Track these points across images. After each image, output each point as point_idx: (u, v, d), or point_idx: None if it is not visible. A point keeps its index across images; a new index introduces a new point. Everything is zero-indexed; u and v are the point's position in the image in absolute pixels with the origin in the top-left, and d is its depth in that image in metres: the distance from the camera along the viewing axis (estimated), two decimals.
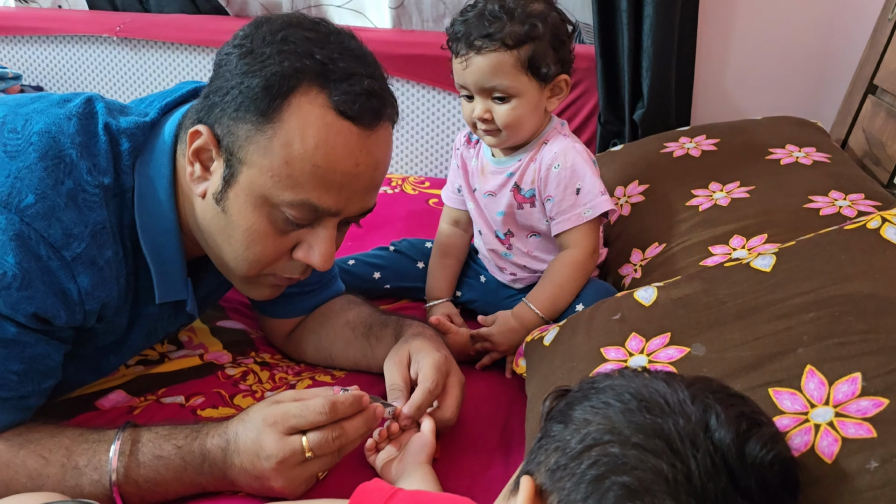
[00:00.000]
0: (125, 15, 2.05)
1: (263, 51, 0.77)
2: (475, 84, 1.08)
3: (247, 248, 0.82)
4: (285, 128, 0.76)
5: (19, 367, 0.77)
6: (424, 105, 1.89)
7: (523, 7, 1.05)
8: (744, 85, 1.81)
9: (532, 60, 1.06)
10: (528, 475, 0.57)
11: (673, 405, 0.54)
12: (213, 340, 1.12)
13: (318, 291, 1.11)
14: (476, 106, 1.10)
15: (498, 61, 1.05)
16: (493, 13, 1.05)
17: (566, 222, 1.13)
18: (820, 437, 0.62)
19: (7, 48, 2.11)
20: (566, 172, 1.11)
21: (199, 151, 0.81)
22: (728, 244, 1.05)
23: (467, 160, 1.23)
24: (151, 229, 0.84)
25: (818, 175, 1.15)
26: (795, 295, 0.76)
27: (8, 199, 0.73)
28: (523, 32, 1.04)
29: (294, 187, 0.78)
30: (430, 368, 0.89)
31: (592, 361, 0.83)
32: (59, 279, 0.76)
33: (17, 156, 0.76)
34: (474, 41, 1.05)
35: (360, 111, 0.77)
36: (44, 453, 0.77)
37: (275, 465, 0.76)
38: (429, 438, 0.87)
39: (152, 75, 2.05)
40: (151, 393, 0.98)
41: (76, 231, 0.76)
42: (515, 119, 1.09)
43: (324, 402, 0.77)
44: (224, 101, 0.78)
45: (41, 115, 0.80)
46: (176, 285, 0.89)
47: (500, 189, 1.17)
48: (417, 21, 1.90)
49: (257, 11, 1.99)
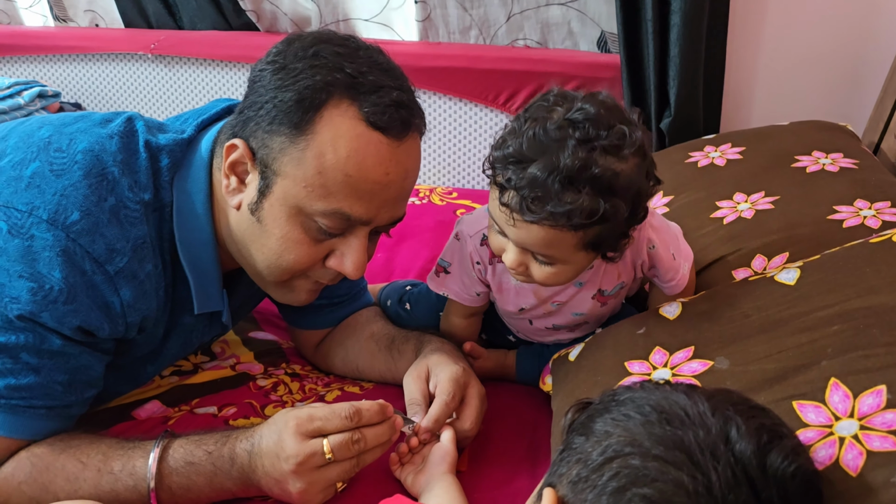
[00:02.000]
0: (159, 32, 2.10)
1: (296, 66, 0.79)
2: (518, 243, 0.85)
3: (280, 255, 0.84)
4: (318, 139, 0.79)
5: (64, 377, 0.81)
6: (451, 116, 1.91)
7: (609, 178, 0.77)
8: (774, 91, 1.79)
9: (597, 242, 0.83)
10: (550, 487, 0.58)
11: (693, 417, 0.55)
12: (244, 351, 1.15)
13: (347, 303, 1.13)
14: (509, 253, 0.86)
15: (556, 238, 0.81)
16: (570, 177, 0.76)
17: (678, 286, 0.97)
18: (844, 450, 0.62)
19: (46, 66, 2.18)
20: (662, 247, 0.94)
21: (234, 164, 0.83)
22: (750, 266, 1.04)
23: (498, 276, 0.99)
24: (190, 242, 0.87)
25: (844, 183, 1.14)
26: (819, 308, 0.76)
27: (55, 217, 0.77)
28: (598, 213, 0.77)
29: (327, 197, 0.80)
30: (447, 381, 0.91)
31: (616, 375, 0.83)
32: (103, 293, 0.79)
33: (62, 174, 0.79)
34: (534, 208, 0.79)
35: (389, 122, 0.79)
36: (82, 458, 0.80)
37: (294, 466, 0.77)
38: (449, 448, 0.87)
39: (186, 91, 2.09)
40: (185, 403, 1.01)
41: (118, 246, 0.79)
42: (557, 281, 0.88)
43: (349, 407, 0.79)
44: (258, 115, 0.81)
45: (85, 134, 0.83)
46: (212, 297, 0.92)
47: (571, 298, 0.98)
48: (444, 33, 1.92)
49: (287, 27, 2.03)
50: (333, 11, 1.98)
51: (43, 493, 0.79)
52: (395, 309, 1.20)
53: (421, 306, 1.18)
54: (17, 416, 0.79)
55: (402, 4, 1.94)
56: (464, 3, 1.85)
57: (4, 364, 0.78)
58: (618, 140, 0.77)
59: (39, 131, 0.84)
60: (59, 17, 2.21)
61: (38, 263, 0.76)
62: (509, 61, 1.81)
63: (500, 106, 1.84)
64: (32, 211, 0.77)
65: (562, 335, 1.06)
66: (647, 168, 0.82)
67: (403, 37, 1.98)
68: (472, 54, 1.85)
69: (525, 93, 1.81)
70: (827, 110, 1.60)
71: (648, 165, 0.82)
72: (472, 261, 0.99)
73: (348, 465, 0.80)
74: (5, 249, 0.76)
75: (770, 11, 1.72)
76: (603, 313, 1.02)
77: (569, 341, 1.06)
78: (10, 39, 2.18)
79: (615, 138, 0.77)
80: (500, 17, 1.85)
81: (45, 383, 0.79)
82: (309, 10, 1.99)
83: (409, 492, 0.86)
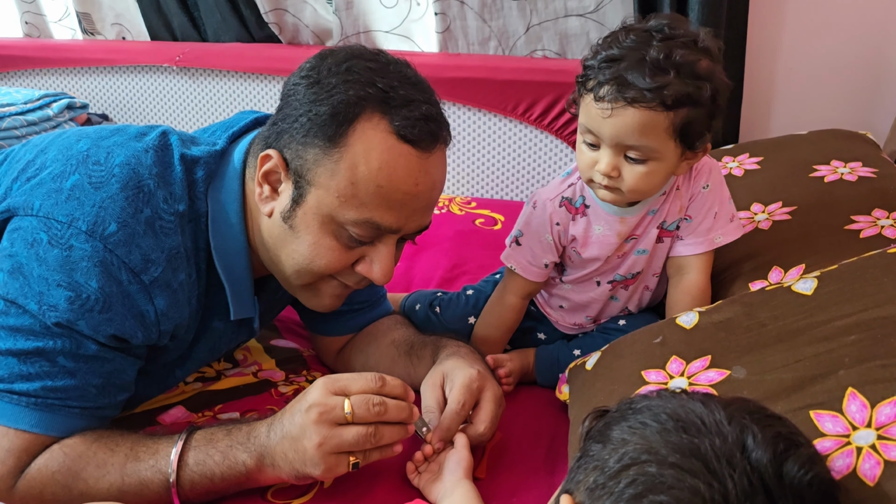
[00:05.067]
0: (184, 45, 2.14)
1: (330, 81, 0.83)
2: (613, 137, 0.93)
3: (311, 261, 0.87)
4: (351, 151, 0.82)
5: (98, 381, 0.83)
6: (470, 127, 1.92)
7: (691, 63, 0.89)
8: (793, 100, 1.79)
9: (686, 127, 0.92)
10: (567, 494, 0.58)
11: (709, 425, 0.55)
12: (266, 359, 1.17)
13: (367, 310, 1.15)
14: (603, 159, 0.95)
15: (650, 121, 0.90)
16: (657, 63, 0.88)
17: (698, 245, 1.04)
18: (862, 459, 0.62)
19: (74, 79, 2.22)
20: (712, 195, 1.03)
21: (268, 174, 0.87)
22: (767, 279, 1.04)
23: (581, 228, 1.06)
24: (225, 251, 0.90)
25: (862, 192, 1.14)
26: (837, 317, 0.76)
27: (93, 228, 0.80)
28: (687, 94, 0.89)
29: (359, 207, 0.83)
30: (458, 388, 0.92)
31: (633, 384, 0.84)
32: (138, 302, 0.82)
33: (100, 186, 0.82)
34: (629, 91, 0.89)
35: (419, 135, 0.83)
36: (112, 445, 0.83)
37: (315, 416, 0.79)
38: (463, 454, 0.88)
39: (210, 102, 2.13)
40: (209, 409, 1.03)
41: (153, 256, 0.82)
42: (646, 185, 0.96)
43: (376, 375, 0.82)
44: (293, 128, 0.84)
45: (121, 147, 0.86)
46: (246, 303, 0.95)
47: (643, 231, 1.06)
48: (463, 45, 1.93)
49: (309, 39, 2.06)
50: (354, 24, 2.01)
51: (74, 480, 0.81)
52: (425, 312, 1.22)
53: (451, 311, 1.21)
54: (53, 414, 0.82)
55: (422, 16, 1.96)
56: (483, 15, 1.87)
57: (42, 367, 0.80)
58: (691, 38, 0.91)
59: (78, 144, 0.87)
60: (87, 31, 2.26)
61: (76, 273, 0.79)
62: (528, 72, 1.83)
63: (519, 116, 1.85)
64: (72, 222, 0.80)
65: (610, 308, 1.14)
66: (719, 62, 0.93)
67: (423, 48, 2.00)
68: (491, 65, 1.87)
69: (544, 103, 1.82)
70: (847, 119, 1.59)
71: (719, 60, 0.93)
72: (552, 223, 1.06)
73: (364, 432, 0.80)
74: (45, 259, 0.79)
75: (789, 19, 1.71)
76: (655, 269, 1.09)
77: (594, 330, 1.15)
78: (40, 52, 2.24)
79: (689, 37, 0.91)
80: (518, 29, 1.86)
81: (80, 385, 0.82)
82: (330, 23, 2.02)
83: (427, 499, 0.87)
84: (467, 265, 1.50)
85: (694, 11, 1.59)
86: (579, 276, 1.11)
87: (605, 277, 1.11)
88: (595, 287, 1.12)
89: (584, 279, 1.12)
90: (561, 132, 1.84)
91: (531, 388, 1.14)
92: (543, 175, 1.92)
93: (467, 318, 1.20)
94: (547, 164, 1.91)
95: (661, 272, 1.11)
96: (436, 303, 1.23)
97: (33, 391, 0.80)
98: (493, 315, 1.15)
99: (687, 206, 1.05)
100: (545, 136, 1.87)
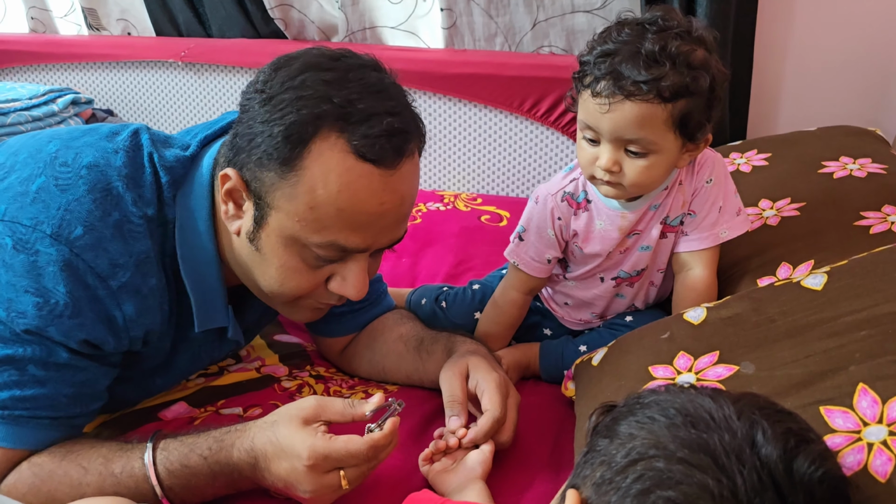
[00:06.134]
0: (189, 41, 2.14)
1: (283, 97, 0.77)
2: (612, 132, 0.93)
3: (281, 283, 0.84)
4: (307, 174, 0.77)
5: (70, 390, 0.81)
6: (476, 123, 1.92)
7: (685, 54, 0.89)
8: (801, 96, 1.78)
9: (684, 118, 0.92)
10: (573, 489, 0.58)
11: (718, 420, 0.54)
12: (270, 354, 1.16)
13: (367, 309, 1.13)
14: (603, 154, 0.95)
15: (648, 113, 0.90)
16: (652, 55, 0.89)
17: (703, 241, 1.04)
18: (873, 455, 0.62)
19: (79, 74, 2.22)
20: (716, 189, 1.03)
21: (230, 192, 0.83)
22: (775, 274, 1.03)
23: (583, 223, 1.06)
24: (192, 260, 0.87)
25: (872, 188, 1.13)
26: (847, 313, 0.75)
27: (59, 231, 0.77)
28: (683, 85, 0.89)
29: (321, 230, 0.79)
30: (494, 393, 0.90)
31: (640, 380, 0.83)
32: (106, 307, 0.80)
33: (67, 189, 0.80)
34: (625, 84, 0.89)
35: (380, 153, 0.77)
36: (83, 463, 0.81)
37: (310, 495, 0.78)
38: (487, 458, 0.88)
39: (215, 97, 2.13)
40: (211, 405, 1.02)
41: (121, 261, 0.80)
42: (647, 179, 0.96)
43: (366, 447, 0.78)
44: (249, 148, 0.80)
45: (90, 148, 0.84)
46: (217, 313, 0.91)
47: (646, 226, 1.05)
48: (469, 41, 1.93)
49: (314, 35, 2.05)
50: (360, 19, 2.00)
51: (49, 502, 0.80)
52: (431, 307, 1.22)
53: (456, 306, 1.21)
54: (20, 427, 0.80)
55: (428, 12, 1.95)
56: (489, 11, 1.86)
57: (11, 376, 0.78)
58: (685, 28, 0.92)
59: (48, 146, 0.84)
60: (92, 26, 2.26)
61: (43, 278, 0.77)
62: (535, 68, 1.82)
63: (525, 113, 1.85)
64: (37, 226, 0.77)
65: (615, 305, 1.13)
66: (714, 52, 0.93)
67: (429, 44, 1.99)
68: (497, 61, 1.86)
69: (550, 99, 1.81)
70: (856, 116, 1.58)
71: (714, 49, 0.93)
72: (553, 217, 1.06)
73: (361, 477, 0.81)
74: (11, 265, 0.77)
75: (797, 15, 1.70)
76: (660, 265, 1.08)
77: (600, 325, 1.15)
78: (45, 48, 2.23)
79: (682, 28, 0.91)
80: (525, 25, 1.86)
81: (50, 395, 0.80)
82: (336, 19, 2.01)
83: (433, 488, 0.87)
84: (472, 261, 1.49)
85: (702, 7, 1.58)
86: (582, 272, 1.11)
87: (608, 274, 1.10)
88: (599, 284, 1.11)
89: (587, 276, 1.11)
90: (567, 129, 1.84)
91: (536, 384, 1.14)
92: (549, 172, 1.91)
93: (473, 314, 1.19)
94: (553, 161, 1.90)
95: (666, 268, 1.10)
96: (441, 297, 1.23)
97: (1, 402, 0.78)
98: (497, 311, 1.15)
99: (690, 201, 1.04)
100: (551, 133, 1.87)
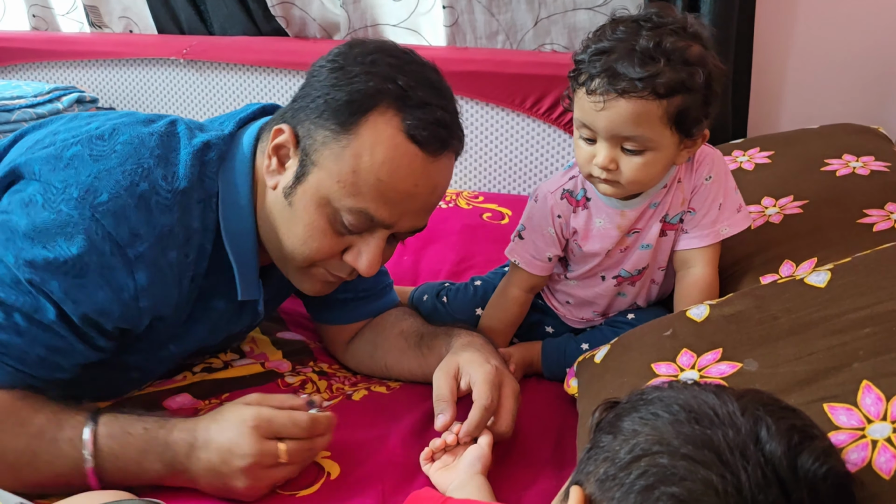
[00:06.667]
0: (191, 38, 2.14)
1: (353, 69, 0.85)
2: (608, 130, 0.93)
3: (304, 241, 0.88)
4: (359, 140, 0.83)
5: (42, 352, 0.83)
6: (478, 121, 1.92)
7: (681, 50, 0.89)
8: (803, 94, 1.77)
9: (681, 114, 0.91)
10: (577, 485, 0.58)
11: (722, 417, 0.55)
12: (273, 350, 1.17)
13: (371, 299, 1.14)
14: (600, 152, 0.95)
15: (644, 110, 0.90)
16: (647, 52, 0.88)
17: (703, 238, 1.03)
18: (877, 453, 0.62)
19: (82, 72, 2.22)
20: (715, 186, 1.02)
21: (278, 147, 0.88)
22: (778, 272, 1.03)
23: (582, 221, 1.06)
24: (233, 231, 0.91)
25: (875, 186, 1.13)
26: (851, 310, 0.75)
27: (84, 196, 0.81)
28: (679, 81, 0.89)
29: (356, 195, 0.84)
30: (483, 383, 0.91)
31: (643, 377, 0.83)
32: (116, 275, 0.82)
33: (99, 159, 0.84)
34: (620, 82, 0.89)
35: (427, 138, 0.84)
36: (36, 406, 0.83)
37: (249, 464, 0.80)
38: (485, 451, 0.88)
39: (217, 94, 2.13)
40: (215, 397, 1.03)
41: (142, 231, 0.82)
42: (645, 176, 0.95)
43: (308, 418, 0.84)
44: (309, 107, 0.86)
45: (128, 128, 0.88)
46: (251, 285, 0.95)
47: (645, 225, 1.05)
48: (471, 39, 1.92)
49: (316, 32, 2.05)
50: (362, 17, 2.00)
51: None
52: (433, 303, 1.23)
53: (458, 301, 1.21)
54: None
55: (429, 10, 1.95)
56: (491, 9, 1.86)
57: None
58: (680, 24, 0.91)
59: (88, 125, 0.89)
60: (94, 24, 2.26)
61: (59, 236, 0.80)
62: (536, 66, 1.81)
63: (527, 110, 1.85)
64: (66, 188, 0.81)
65: (617, 303, 1.13)
66: (711, 48, 0.93)
67: (431, 42, 1.99)
68: (499, 59, 1.86)
69: (552, 97, 1.81)
70: (859, 113, 1.58)
71: (710, 45, 0.93)
72: (553, 215, 1.05)
73: (295, 469, 0.85)
74: (33, 219, 0.81)
75: (799, 12, 1.70)
76: (661, 263, 1.08)
77: (603, 323, 1.14)
78: (47, 45, 2.24)
79: (677, 24, 0.91)
80: (527, 22, 1.85)
81: (23, 347, 0.82)
82: (338, 16, 2.01)
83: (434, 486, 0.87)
84: (474, 259, 1.49)
85: (706, 5, 1.58)
86: (583, 271, 1.11)
87: (609, 272, 1.10)
88: (600, 282, 1.11)
89: (588, 275, 1.11)
90: (568, 126, 1.83)
91: (538, 381, 1.14)
92: (551, 169, 1.91)
93: (474, 310, 1.20)
94: (554, 159, 1.90)
95: (667, 266, 1.10)
96: (443, 293, 1.23)
97: None
98: (498, 308, 1.15)
99: (690, 199, 1.04)
100: (553, 131, 1.86)
